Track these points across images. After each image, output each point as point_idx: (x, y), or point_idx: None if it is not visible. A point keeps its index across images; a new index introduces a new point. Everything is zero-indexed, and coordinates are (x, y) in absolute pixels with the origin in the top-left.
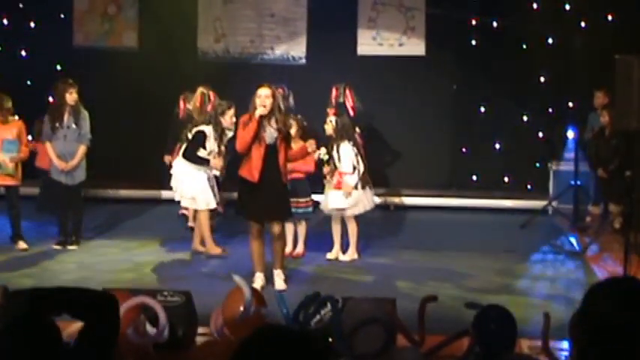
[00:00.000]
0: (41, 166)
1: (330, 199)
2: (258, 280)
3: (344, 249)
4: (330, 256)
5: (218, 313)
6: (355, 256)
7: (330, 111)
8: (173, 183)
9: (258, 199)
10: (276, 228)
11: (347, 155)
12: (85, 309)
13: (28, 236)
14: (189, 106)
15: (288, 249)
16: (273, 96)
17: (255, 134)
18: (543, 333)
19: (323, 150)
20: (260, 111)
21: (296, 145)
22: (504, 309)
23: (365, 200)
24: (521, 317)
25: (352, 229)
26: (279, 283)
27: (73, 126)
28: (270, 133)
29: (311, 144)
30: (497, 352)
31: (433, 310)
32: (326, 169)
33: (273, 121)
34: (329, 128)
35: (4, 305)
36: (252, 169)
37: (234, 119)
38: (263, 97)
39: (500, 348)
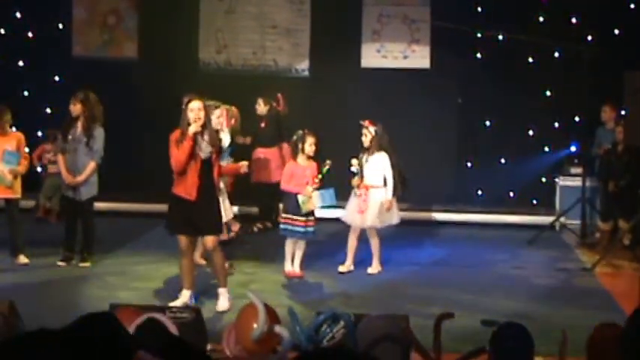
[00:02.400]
0: None
1: (369, 216)
2: (183, 298)
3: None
4: (342, 269)
5: (231, 329)
6: (380, 268)
7: (366, 122)
8: None
9: (192, 215)
10: (209, 242)
11: (380, 166)
12: None
13: (30, 251)
14: None
15: (287, 268)
16: (205, 109)
17: (190, 152)
18: (561, 351)
19: (355, 161)
20: (193, 128)
21: (308, 162)
22: (522, 326)
23: (395, 213)
24: (536, 335)
25: (376, 241)
26: (223, 302)
27: (84, 140)
28: (205, 148)
29: (244, 165)
30: None
31: (446, 328)
32: (355, 181)
33: (206, 136)
34: (367, 140)
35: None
36: (187, 187)
37: (221, 119)
38: (196, 111)
39: None
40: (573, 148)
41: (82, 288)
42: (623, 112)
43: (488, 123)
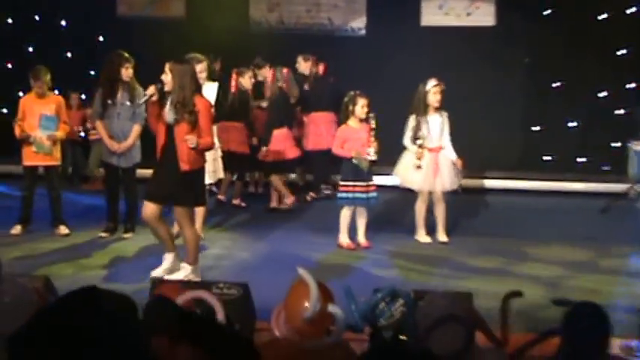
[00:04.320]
0: None
1: (445, 178)
2: (168, 259)
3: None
4: (424, 239)
5: (280, 309)
6: (447, 237)
7: (434, 80)
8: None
9: (158, 179)
10: (177, 213)
11: (444, 126)
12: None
13: (71, 222)
14: (242, 81)
15: (343, 240)
16: (171, 71)
17: (153, 113)
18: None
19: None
20: (149, 90)
21: (361, 125)
22: (597, 306)
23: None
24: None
25: (444, 207)
26: (179, 275)
27: (127, 103)
28: (169, 112)
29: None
30: (590, 353)
31: (513, 306)
32: (419, 153)
33: (173, 100)
34: (439, 99)
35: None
36: (157, 151)
37: (204, 74)
38: (163, 74)
39: (592, 348)
40: None
41: (124, 260)
42: None
43: (556, 84)
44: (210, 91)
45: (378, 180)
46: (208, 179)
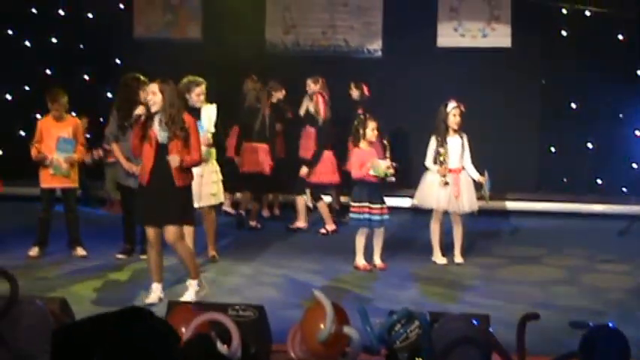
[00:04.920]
0: None
1: (465, 200)
2: (155, 292)
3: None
4: (441, 260)
5: (296, 330)
6: (462, 259)
7: (454, 102)
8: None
9: (149, 203)
10: (169, 234)
11: (464, 147)
12: None
13: (88, 243)
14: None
15: (359, 262)
16: (162, 91)
17: (140, 134)
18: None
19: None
20: (138, 110)
21: (370, 148)
22: (615, 329)
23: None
24: (630, 336)
25: (461, 229)
26: (190, 293)
27: None
28: (160, 131)
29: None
30: None
31: (530, 328)
32: (442, 170)
33: (161, 119)
34: (458, 120)
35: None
36: (142, 172)
37: (202, 97)
38: (150, 94)
39: None
40: None
41: (140, 282)
42: None
43: (574, 105)
44: (210, 113)
45: (392, 201)
46: (208, 202)
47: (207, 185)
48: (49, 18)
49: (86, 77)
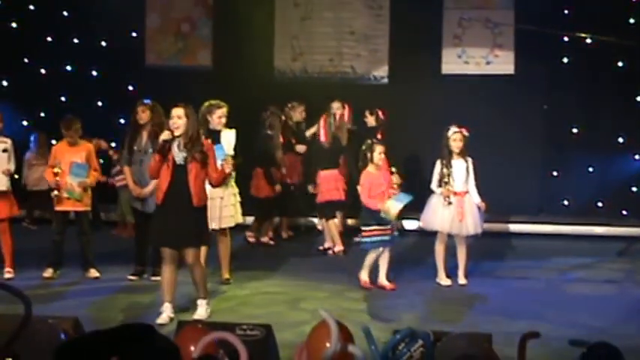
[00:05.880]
0: None
1: (469, 223)
2: (166, 311)
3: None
4: (445, 282)
5: (302, 349)
6: (466, 280)
7: (455, 127)
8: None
9: (165, 223)
10: (189, 256)
11: (468, 171)
12: None
13: (99, 265)
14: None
15: (364, 277)
16: (187, 116)
17: (160, 157)
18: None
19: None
20: (164, 136)
21: (378, 171)
22: (614, 347)
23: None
24: (629, 357)
25: (465, 251)
26: (201, 312)
27: (150, 151)
28: (179, 153)
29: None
30: None
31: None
32: (446, 192)
33: (180, 141)
34: (461, 145)
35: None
36: (158, 193)
37: (222, 120)
38: (175, 118)
39: None
40: None
41: (152, 303)
42: None
43: (575, 130)
44: (229, 137)
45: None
46: (227, 224)
47: (227, 207)
48: (64, 46)
49: (99, 103)
